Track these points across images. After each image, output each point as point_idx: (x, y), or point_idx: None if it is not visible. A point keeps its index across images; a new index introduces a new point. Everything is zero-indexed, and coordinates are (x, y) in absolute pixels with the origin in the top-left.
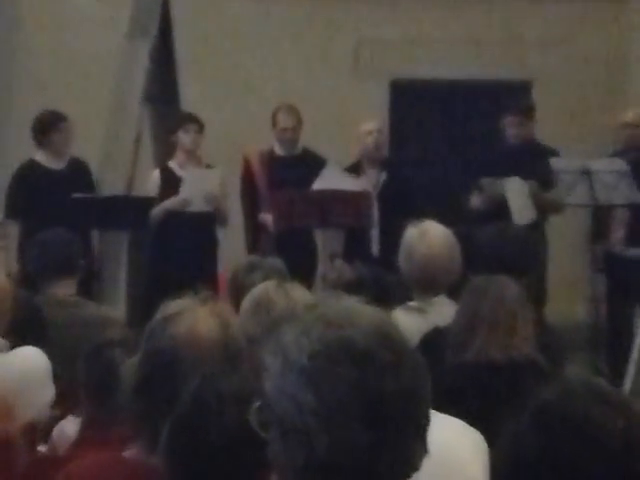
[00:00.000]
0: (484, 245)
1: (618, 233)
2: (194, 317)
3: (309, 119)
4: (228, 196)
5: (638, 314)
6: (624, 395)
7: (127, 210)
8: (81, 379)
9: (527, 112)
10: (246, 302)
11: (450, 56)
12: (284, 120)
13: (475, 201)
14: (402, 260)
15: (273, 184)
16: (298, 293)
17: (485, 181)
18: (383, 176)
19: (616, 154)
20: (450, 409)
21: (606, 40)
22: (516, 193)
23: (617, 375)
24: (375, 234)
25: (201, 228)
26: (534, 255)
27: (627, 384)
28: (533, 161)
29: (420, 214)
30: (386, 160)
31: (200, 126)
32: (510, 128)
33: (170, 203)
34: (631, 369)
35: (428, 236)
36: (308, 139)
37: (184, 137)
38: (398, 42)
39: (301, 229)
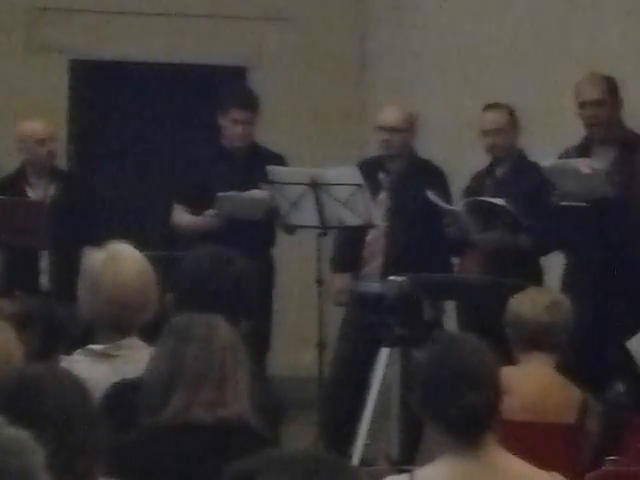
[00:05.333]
0: (189, 277)
1: (374, 261)
2: None
3: None
4: None
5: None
6: (350, 466)
7: None
8: None
9: (255, 106)
10: None
11: (146, 34)
12: None
13: (180, 217)
14: (84, 292)
15: None
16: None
17: (222, 196)
18: (52, 189)
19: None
20: None
21: (343, 18)
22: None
23: (343, 437)
24: (45, 261)
25: None
26: (255, 292)
27: (357, 452)
28: (258, 170)
29: (104, 235)
30: (56, 169)
31: None
32: (234, 126)
33: None
34: (363, 431)
35: (117, 262)
36: None
37: None
38: (80, 13)
39: None
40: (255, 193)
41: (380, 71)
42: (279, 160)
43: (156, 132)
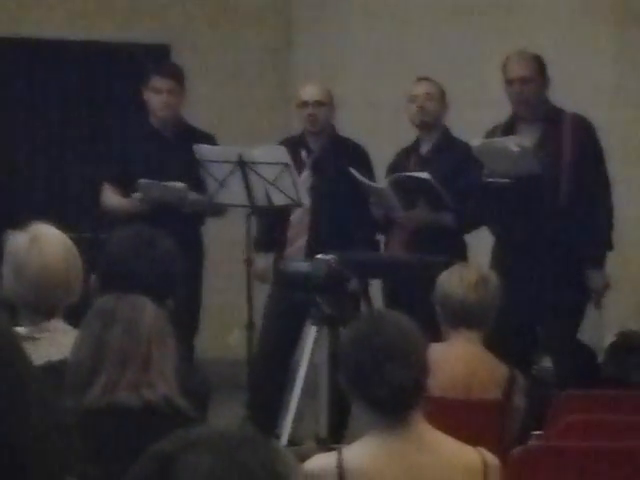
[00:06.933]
0: (112, 258)
1: (298, 240)
2: None
3: None
4: None
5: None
6: (274, 444)
7: None
8: None
9: (177, 76)
10: None
11: (67, 11)
12: None
13: (109, 198)
14: (7, 275)
15: None
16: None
17: (144, 183)
18: None
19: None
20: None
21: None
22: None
23: (270, 417)
24: None
25: None
26: (180, 271)
27: (285, 431)
28: (185, 150)
29: (27, 216)
30: None
31: None
32: (156, 95)
33: None
34: (291, 410)
35: (40, 244)
36: None
37: None
38: None
39: None
40: (174, 184)
41: (305, 48)
42: (209, 139)
43: (77, 111)
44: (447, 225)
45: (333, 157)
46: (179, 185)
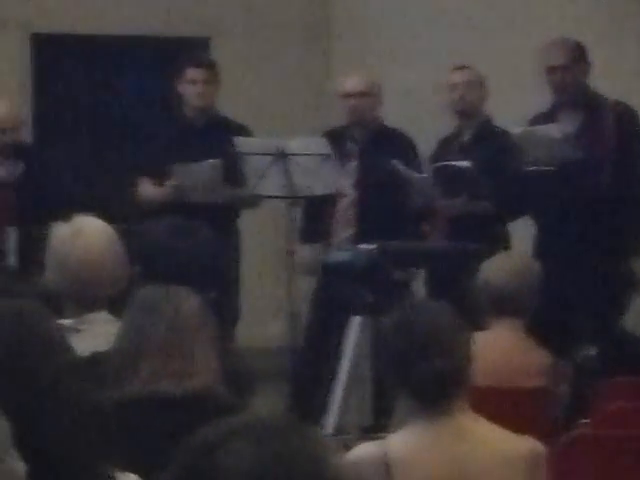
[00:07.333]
0: (153, 248)
1: (344, 231)
2: None
3: None
4: None
5: (347, 336)
6: (316, 433)
7: None
8: None
9: (212, 67)
10: None
11: (107, 6)
12: None
13: (144, 189)
14: (51, 267)
15: None
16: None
17: (178, 167)
18: (20, 167)
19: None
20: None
21: None
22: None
23: (314, 407)
24: (12, 241)
25: None
26: (223, 263)
27: (330, 421)
28: (220, 141)
29: (67, 210)
30: (22, 146)
31: None
32: (192, 86)
33: None
34: (335, 400)
35: (84, 236)
36: None
37: None
38: None
39: None
40: (207, 161)
41: (344, 38)
42: (243, 130)
43: (116, 104)
44: (487, 214)
45: (379, 148)
46: (212, 161)
